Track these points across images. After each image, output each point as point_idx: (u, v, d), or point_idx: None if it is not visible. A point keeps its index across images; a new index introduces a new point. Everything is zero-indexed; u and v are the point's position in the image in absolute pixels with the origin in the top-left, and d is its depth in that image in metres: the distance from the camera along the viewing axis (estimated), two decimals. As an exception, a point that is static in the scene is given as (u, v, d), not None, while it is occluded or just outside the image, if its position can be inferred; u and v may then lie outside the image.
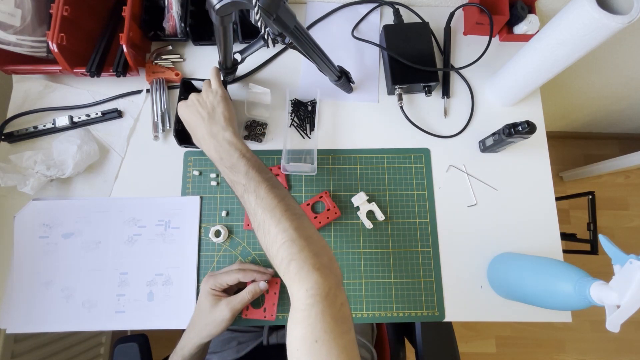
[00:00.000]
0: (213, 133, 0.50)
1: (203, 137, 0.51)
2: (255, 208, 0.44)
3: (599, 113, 1.31)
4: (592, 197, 1.08)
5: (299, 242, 0.40)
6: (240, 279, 0.53)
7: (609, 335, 1.35)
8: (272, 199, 0.44)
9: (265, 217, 0.42)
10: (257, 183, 0.45)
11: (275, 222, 0.42)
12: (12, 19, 0.58)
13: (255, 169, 0.47)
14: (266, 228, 0.42)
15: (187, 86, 0.64)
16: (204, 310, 0.53)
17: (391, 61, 0.68)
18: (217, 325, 0.52)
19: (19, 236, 0.61)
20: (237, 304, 0.52)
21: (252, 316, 0.57)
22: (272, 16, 0.43)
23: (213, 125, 0.51)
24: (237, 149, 0.49)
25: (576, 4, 0.48)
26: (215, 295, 0.53)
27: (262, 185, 0.45)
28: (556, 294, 0.48)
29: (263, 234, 0.43)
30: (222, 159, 0.48)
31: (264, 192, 0.44)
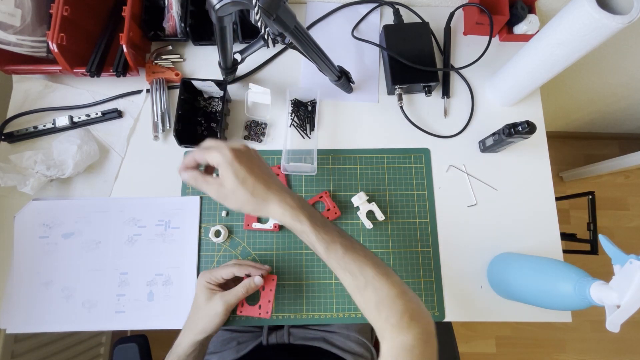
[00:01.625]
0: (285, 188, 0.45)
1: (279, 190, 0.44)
2: (361, 266, 0.43)
3: (599, 113, 1.31)
4: (592, 197, 1.08)
5: (408, 294, 0.43)
6: (235, 273, 0.53)
7: (609, 335, 1.35)
8: (371, 255, 0.45)
9: (375, 273, 0.42)
10: (351, 239, 0.45)
11: (385, 277, 0.43)
12: (12, 19, 0.58)
13: (333, 224, 0.46)
14: (377, 284, 0.42)
15: (187, 86, 0.64)
16: (199, 305, 0.53)
17: (391, 61, 0.68)
18: (210, 319, 0.51)
19: (19, 236, 0.61)
20: (231, 298, 0.51)
21: (246, 313, 0.56)
22: (272, 16, 0.43)
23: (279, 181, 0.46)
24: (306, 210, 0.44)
25: (576, 4, 0.48)
26: (210, 290, 0.53)
27: (354, 241, 0.45)
28: (556, 294, 0.48)
29: (374, 291, 0.42)
30: (311, 216, 0.43)
31: (362, 249, 0.45)
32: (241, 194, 0.43)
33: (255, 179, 0.43)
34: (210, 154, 0.43)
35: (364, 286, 0.42)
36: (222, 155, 0.42)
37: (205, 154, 0.44)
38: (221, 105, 0.66)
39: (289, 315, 0.60)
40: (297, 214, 0.43)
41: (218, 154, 0.43)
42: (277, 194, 0.44)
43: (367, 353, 0.69)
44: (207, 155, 0.43)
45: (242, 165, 0.43)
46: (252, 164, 0.44)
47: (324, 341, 0.66)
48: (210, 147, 0.44)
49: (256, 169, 0.44)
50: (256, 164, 0.45)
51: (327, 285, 0.61)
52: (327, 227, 0.44)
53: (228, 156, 0.42)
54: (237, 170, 0.42)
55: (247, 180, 0.43)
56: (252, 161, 0.44)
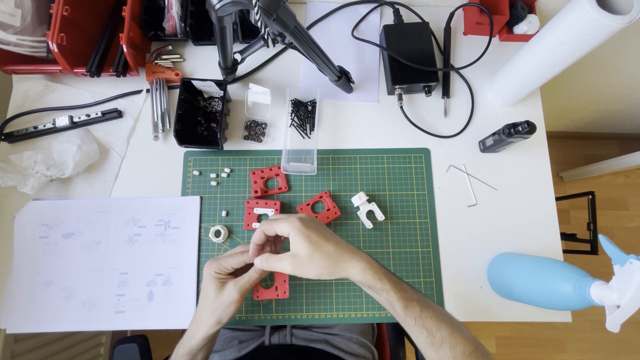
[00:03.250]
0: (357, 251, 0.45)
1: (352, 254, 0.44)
2: (437, 323, 0.43)
3: (599, 113, 1.31)
4: (592, 197, 1.08)
5: (480, 348, 0.43)
6: (246, 261, 0.49)
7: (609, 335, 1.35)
8: (444, 312, 0.45)
9: (450, 331, 0.43)
10: (424, 296, 0.45)
11: (459, 334, 0.43)
12: (12, 19, 0.58)
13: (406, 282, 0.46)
14: (452, 342, 0.42)
15: (187, 86, 0.64)
16: (210, 296, 0.49)
17: (391, 61, 0.68)
18: (225, 308, 0.48)
19: (19, 236, 0.61)
20: (245, 284, 0.48)
21: (264, 297, 0.54)
22: (272, 16, 0.43)
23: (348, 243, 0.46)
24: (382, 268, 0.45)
25: (576, 4, 0.48)
26: (220, 279, 0.49)
27: (426, 297, 0.46)
28: (556, 294, 0.48)
29: (449, 348, 0.42)
30: (386, 275, 0.44)
31: (435, 306, 0.45)
32: (318, 258, 0.43)
33: (328, 241, 0.44)
34: (278, 225, 0.44)
35: (440, 344, 0.42)
36: (290, 224, 0.43)
37: (273, 225, 0.45)
38: (221, 105, 0.66)
39: (289, 315, 0.60)
40: (377, 272, 0.43)
41: (286, 224, 0.43)
42: (352, 254, 0.44)
43: (369, 354, 0.69)
44: (276, 227, 0.44)
45: (312, 230, 0.43)
46: (321, 228, 0.45)
47: (327, 343, 0.66)
48: (277, 219, 0.45)
49: (326, 232, 0.45)
50: (324, 228, 0.45)
51: (328, 285, 0.61)
52: (402, 284, 0.44)
53: (296, 224, 0.43)
54: (309, 236, 0.43)
55: (320, 243, 0.43)
56: (321, 226, 0.45)
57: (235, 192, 0.64)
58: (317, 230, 0.44)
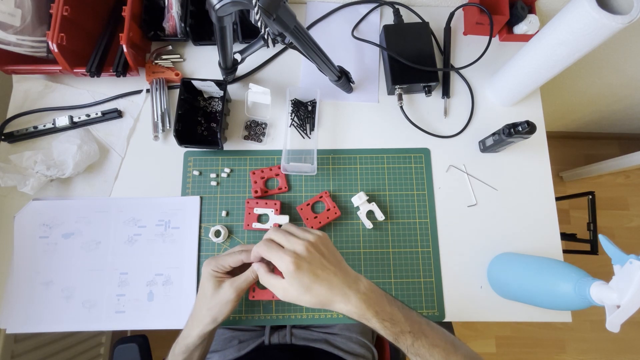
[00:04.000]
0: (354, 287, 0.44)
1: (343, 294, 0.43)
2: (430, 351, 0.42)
3: (599, 113, 1.31)
4: (592, 197, 1.08)
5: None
6: (244, 260, 0.50)
7: (609, 335, 1.35)
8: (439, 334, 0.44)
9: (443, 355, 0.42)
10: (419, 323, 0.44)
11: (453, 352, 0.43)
12: (12, 19, 0.58)
13: (404, 308, 0.45)
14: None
15: (187, 86, 0.64)
16: (207, 294, 0.50)
17: (391, 61, 0.68)
18: (221, 307, 0.49)
19: (19, 236, 0.61)
20: (242, 283, 0.49)
21: (259, 297, 0.54)
22: (272, 16, 0.43)
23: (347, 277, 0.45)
24: (381, 294, 0.45)
25: (576, 4, 0.48)
26: (218, 278, 0.50)
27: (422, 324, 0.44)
28: (556, 294, 0.48)
29: None
30: (377, 313, 0.43)
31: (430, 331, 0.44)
32: (306, 299, 0.43)
33: (320, 285, 0.43)
34: (273, 257, 0.44)
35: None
36: (284, 265, 0.43)
37: (271, 255, 0.44)
38: (221, 105, 0.66)
39: (289, 315, 0.60)
40: (364, 313, 0.43)
41: (281, 263, 0.43)
42: (341, 296, 0.43)
43: (369, 353, 0.69)
44: (272, 258, 0.44)
45: (305, 272, 0.43)
46: (316, 268, 0.44)
47: (326, 343, 0.66)
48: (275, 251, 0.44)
49: (320, 272, 0.44)
50: (319, 266, 0.44)
51: (327, 285, 0.61)
52: (394, 317, 0.43)
53: (290, 268, 0.43)
54: (301, 280, 0.43)
55: (312, 287, 0.43)
56: (315, 265, 0.44)
57: (235, 192, 0.64)
58: (311, 271, 0.43)
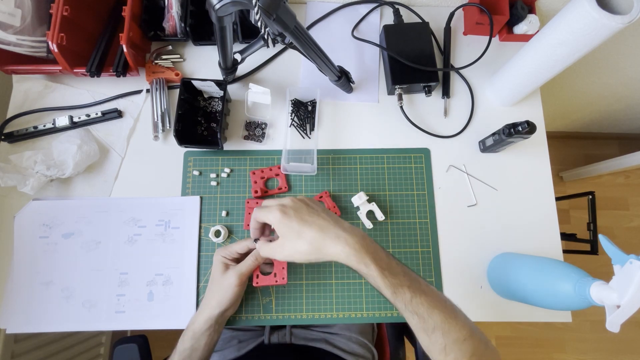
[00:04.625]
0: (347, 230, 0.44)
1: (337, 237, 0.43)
2: (430, 310, 0.42)
3: (599, 113, 1.31)
4: (592, 197, 1.08)
5: (475, 336, 0.42)
6: (249, 246, 0.54)
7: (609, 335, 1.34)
8: (440, 297, 0.43)
9: (443, 317, 0.42)
10: (419, 281, 0.44)
11: (453, 320, 0.42)
12: (12, 19, 0.58)
13: (402, 264, 0.45)
14: (445, 328, 0.41)
15: (187, 86, 0.64)
16: (215, 279, 0.54)
17: (391, 61, 0.68)
18: (224, 291, 0.52)
19: (19, 236, 0.61)
20: (244, 269, 0.52)
21: (263, 283, 0.56)
22: (272, 16, 0.43)
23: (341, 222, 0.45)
24: (380, 247, 0.45)
25: (576, 4, 0.48)
26: (225, 264, 0.54)
27: (422, 282, 0.44)
28: (556, 294, 0.48)
29: (442, 334, 0.41)
30: (375, 260, 0.42)
31: (431, 292, 0.43)
32: (301, 245, 0.43)
33: (309, 227, 0.43)
34: (263, 215, 0.46)
35: (432, 329, 0.42)
36: (272, 215, 0.44)
37: (260, 215, 0.47)
38: (221, 105, 0.66)
39: (289, 315, 0.60)
40: (362, 257, 0.42)
41: (269, 215, 0.45)
42: (336, 239, 0.43)
43: (368, 354, 0.69)
44: (262, 217, 0.46)
45: (292, 219, 0.44)
46: (302, 213, 0.45)
47: (326, 342, 0.66)
48: (263, 208, 0.46)
49: (307, 217, 0.44)
50: (306, 210, 0.45)
51: (328, 285, 0.61)
52: (392, 268, 0.43)
53: (277, 215, 0.44)
54: (289, 225, 0.44)
55: (302, 231, 0.43)
56: (301, 211, 0.45)
57: (235, 192, 0.64)
58: (298, 216, 0.44)
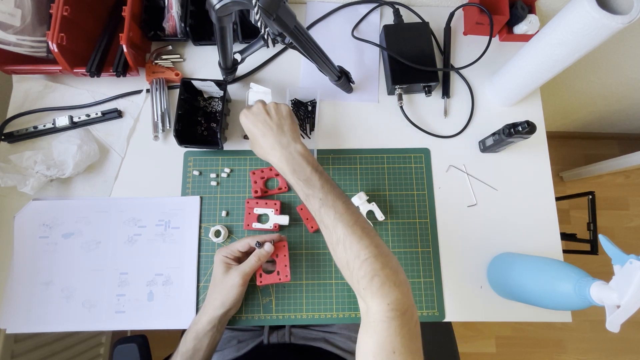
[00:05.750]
0: (283, 144, 0.50)
1: (272, 147, 0.50)
2: (334, 223, 0.44)
3: (599, 113, 1.30)
4: (592, 197, 1.08)
5: (381, 259, 0.42)
6: (250, 243, 0.55)
7: (609, 335, 1.35)
8: (351, 215, 0.45)
9: (346, 233, 0.43)
10: (334, 198, 0.46)
11: (357, 238, 0.43)
12: (12, 19, 0.58)
13: (328, 183, 0.48)
14: (347, 243, 0.43)
15: (187, 86, 0.64)
16: (217, 279, 0.55)
17: (391, 61, 0.68)
18: (227, 292, 0.53)
19: (19, 236, 0.61)
20: (247, 268, 0.53)
21: (266, 282, 0.56)
22: (272, 16, 0.43)
23: (282, 136, 0.50)
24: (309, 162, 0.49)
25: (576, 4, 0.48)
26: (227, 264, 0.55)
27: (338, 200, 0.46)
28: (556, 294, 0.48)
29: (344, 249, 0.43)
30: (294, 171, 0.48)
31: (342, 208, 0.45)
32: (257, 148, 0.53)
33: (256, 134, 0.52)
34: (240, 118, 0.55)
35: (336, 242, 0.44)
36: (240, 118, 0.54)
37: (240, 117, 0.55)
38: (221, 105, 0.66)
39: (289, 315, 0.60)
40: (282, 167, 0.49)
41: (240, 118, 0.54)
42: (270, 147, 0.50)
43: (367, 353, 0.69)
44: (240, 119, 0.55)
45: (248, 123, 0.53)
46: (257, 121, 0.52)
47: (325, 342, 0.66)
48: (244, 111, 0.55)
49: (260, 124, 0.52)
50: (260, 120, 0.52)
51: (327, 285, 0.61)
52: (311, 181, 0.47)
53: (240, 117, 0.54)
54: (246, 127, 0.53)
55: (252, 134, 0.52)
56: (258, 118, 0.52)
57: (235, 192, 0.64)
58: (251, 122, 0.52)
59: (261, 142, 0.51)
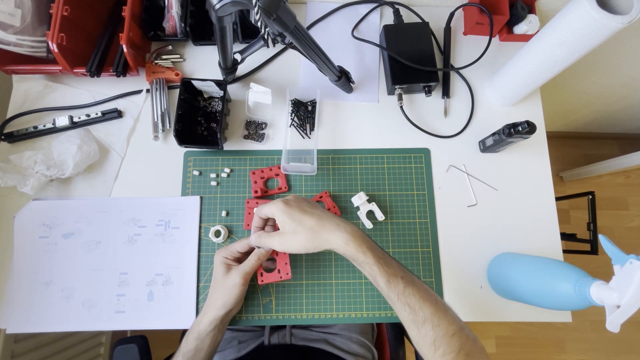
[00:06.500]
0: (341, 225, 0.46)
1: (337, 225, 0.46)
2: (420, 303, 0.43)
3: (599, 113, 1.31)
4: (592, 197, 1.08)
5: (464, 332, 0.43)
6: (249, 244, 0.54)
7: (609, 335, 1.35)
8: (431, 292, 0.44)
9: (433, 311, 0.43)
10: (411, 276, 0.45)
11: (443, 315, 0.43)
12: (12, 19, 0.58)
13: (397, 260, 0.46)
14: (435, 322, 0.42)
15: (187, 86, 0.64)
16: (218, 280, 0.54)
17: (391, 61, 0.68)
18: (229, 292, 0.53)
19: (19, 236, 0.61)
20: (248, 268, 0.53)
21: (268, 280, 0.56)
22: (272, 16, 0.43)
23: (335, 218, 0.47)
24: (367, 241, 0.46)
25: (576, 4, 0.48)
26: (227, 265, 0.54)
27: (415, 277, 0.45)
28: (556, 294, 0.48)
29: (432, 328, 0.42)
30: (371, 248, 0.45)
31: (422, 285, 0.45)
32: (301, 232, 0.46)
33: (309, 216, 0.47)
34: (266, 208, 0.50)
35: (422, 322, 0.42)
36: (275, 206, 0.48)
37: (263, 208, 0.50)
38: (221, 105, 0.66)
39: (289, 315, 0.60)
40: (360, 244, 0.45)
41: (272, 206, 0.49)
42: (335, 227, 0.46)
43: (369, 354, 0.69)
44: (265, 210, 0.50)
45: (294, 207, 0.48)
46: (303, 205, 0.48)
47: (326, 342, 0.66)
48: (266, 204, 0.50)
49: (307, 208, 0.48)
50: (306, 204, 0.49)
51: (328, 285, 0.61)
52: (387, 259, 0.45)
53: (280, 205, 0.48)
54: (291, 214, 0.47)
55: (302, 220, 0.47)
56: (302, 203, 0.49)
57: (235, 192, 0.64)
58: (298, 207, 0.48)
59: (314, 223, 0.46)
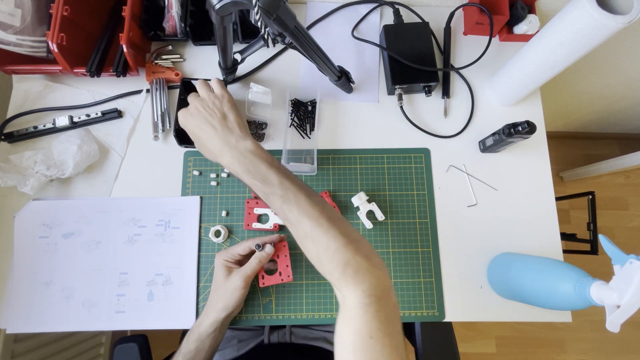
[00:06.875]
0: (231, 144, 0.46)
1: (220, 150, 0.46)
2: (299, 218, 0.43)
3: (599, 113, 1.31)
4: (592, 197, 1.08)
5: (351, 247, 0.41)
6: (250, 247, 0.55)
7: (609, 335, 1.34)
8: (314, 208, 0.43)
9: (312, 226, 0.42)
10: (295, 192, 0.44)
11: (324, 230, 0.42)
12: (12, 19, 0.58)
13: (287, 178, 0.45)
14: (315, 237, 0.42)
15: (187, 86, 0.64)
16: (219, 283, 0.54)
17: (391, 61, 0.68)
18: (230, 295, 0.53)
19: (19, 236, 0.61)
20: (248, 271, 0.53)
21: (269, 283, 0.57)
22: (272, 16, 0.43)
23: (229, 135, 0.47)
24: (263, 159, 0.45)
25: (576, 4, 0.48)
26: (228, 267, 0.54)
27: (300, 194, 0.44)
28: (556, 294, 0.48)
29: (313, 243, 0.42)
30: (248, 172, 0.44)
31: (304, 202, 0.43)
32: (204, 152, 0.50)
33: (200, 136, 0.48)
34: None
35: (304, 237, 0.43)
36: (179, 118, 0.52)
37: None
38: (221, 105, 0.66)
39: (289, 315, 0.60)
40: (235, 169, 0.45)
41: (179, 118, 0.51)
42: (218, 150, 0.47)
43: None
44: None
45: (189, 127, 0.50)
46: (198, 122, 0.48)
47: (325, 341, 0.66)
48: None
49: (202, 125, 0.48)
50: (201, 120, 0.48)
51: (327, 285, 0.61)
52: (267, 179, 0.44)
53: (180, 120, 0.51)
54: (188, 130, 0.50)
55: (198, 138, 0.49)
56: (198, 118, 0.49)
57: (235, 192, 0.64)
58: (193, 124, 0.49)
59: (208, 145, 0.48)
